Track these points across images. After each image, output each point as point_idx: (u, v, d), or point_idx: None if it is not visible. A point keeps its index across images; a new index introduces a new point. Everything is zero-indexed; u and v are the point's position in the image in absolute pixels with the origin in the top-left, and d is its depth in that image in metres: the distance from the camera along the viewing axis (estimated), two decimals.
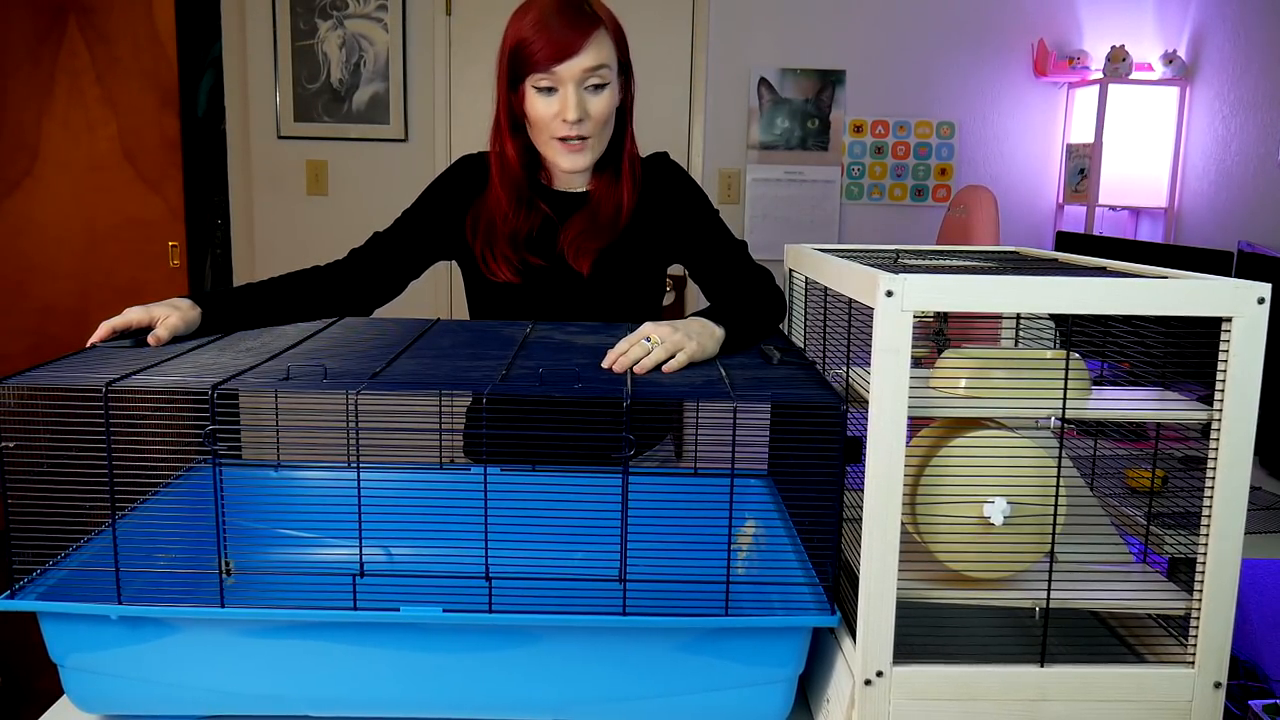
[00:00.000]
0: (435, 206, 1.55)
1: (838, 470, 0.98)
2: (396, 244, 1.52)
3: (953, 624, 1.09)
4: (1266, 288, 0.89)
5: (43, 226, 3.88)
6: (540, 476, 1.30)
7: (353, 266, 1.49)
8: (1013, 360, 1.00)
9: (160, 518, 1.17)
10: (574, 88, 1.38)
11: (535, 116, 1.42)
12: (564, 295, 1.51)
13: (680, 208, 1.54)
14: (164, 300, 1.27)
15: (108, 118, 3.85)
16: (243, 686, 0.98)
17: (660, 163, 1.57)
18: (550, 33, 1.37)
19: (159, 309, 1.24)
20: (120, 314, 1.22)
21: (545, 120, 1.41)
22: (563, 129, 1.40)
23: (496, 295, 1.53)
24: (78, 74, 3.81)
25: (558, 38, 1.36)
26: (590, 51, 1.38)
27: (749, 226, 3.77)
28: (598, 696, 0.99)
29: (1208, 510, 0.92)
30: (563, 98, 1.39)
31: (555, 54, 1.37)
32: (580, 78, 1.38)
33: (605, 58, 1.40)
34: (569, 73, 1.38)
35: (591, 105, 1.40)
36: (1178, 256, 2.58)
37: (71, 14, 3.78)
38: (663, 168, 1.56)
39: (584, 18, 1.38)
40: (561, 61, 1.37)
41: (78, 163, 3.86)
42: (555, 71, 1.38)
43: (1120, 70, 3.53)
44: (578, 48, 1.37)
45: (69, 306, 3.93)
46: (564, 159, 1.44)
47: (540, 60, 1.37)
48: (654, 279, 1.58)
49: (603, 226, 1.49)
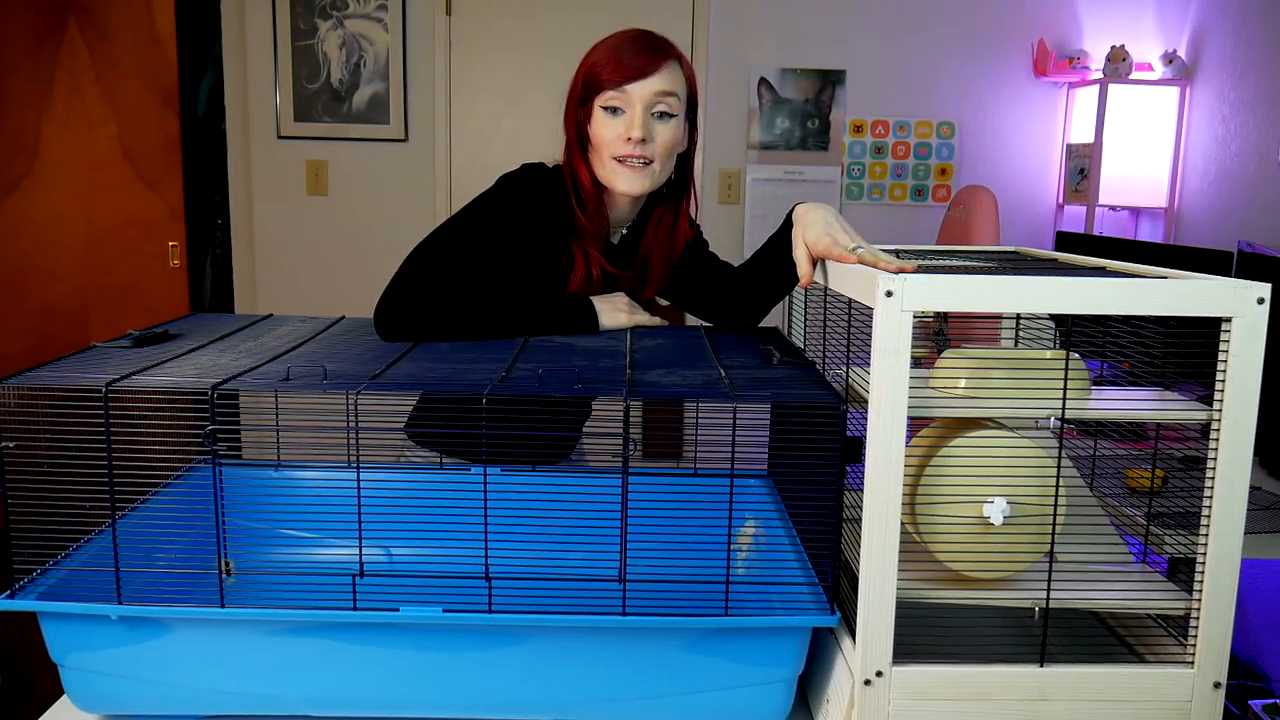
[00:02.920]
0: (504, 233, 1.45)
1: (838, 470, 0.98)
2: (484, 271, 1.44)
3: (953, 624, 1.09)
4: (1266, 288, 0.89)
5: (42, 226, 3.88)
6: (540, 476, 1.30)
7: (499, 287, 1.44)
8: (1013, 360, 1.00)
9: (160, 518, 1.17)
10: (642, 110, 1.39)
11: (598, 137, 1.41)
12: None
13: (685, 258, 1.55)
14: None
15: (108, 117, 3.85)
16: (243, 686, 0.98)
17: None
18: (624, 55, 1.39)
19: None
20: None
21: (608, 140, 1.41)
22: (625, 148, 1.40)
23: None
24: (78, 74, 3.81)
25: (631, 60, 1.39)
26: (661, 76, 1.39)
27: (749, 226, 3.77)
28: (598, 696, 0.99)
29: (1207, 510, 0.92)
30: (629, 118, 1.39)
31: (628, 74, 1.39)
32: (649, 101, 1.39)
33: (675, 87, 1.41)
34: (638, 93, 1.39)
35: (657, 131, 1.41)
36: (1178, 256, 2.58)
37: (71, 14, 3.78)
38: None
39: (659, 47, 1.41)
40: (633, 81, 1.38)
41: (78, 163, 3.86)
42: (626, 91, 1.39)
43: (1120, 70, 3.53)
44: (651, 70, 1.39)
45: (69, 306, 3.93)
46: (622, 179, 1.42)
47: (612, 79, 1.39)
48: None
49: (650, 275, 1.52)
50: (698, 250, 1.55)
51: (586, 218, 1.46)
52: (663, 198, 1.51)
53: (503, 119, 3.74)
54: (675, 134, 1.43)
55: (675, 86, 1.41)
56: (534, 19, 3.69)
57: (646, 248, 1.51)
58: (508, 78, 3.72)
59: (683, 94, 1.43)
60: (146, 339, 1.21)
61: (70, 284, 3.92)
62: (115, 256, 3.92)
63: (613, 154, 1.41)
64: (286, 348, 1.21)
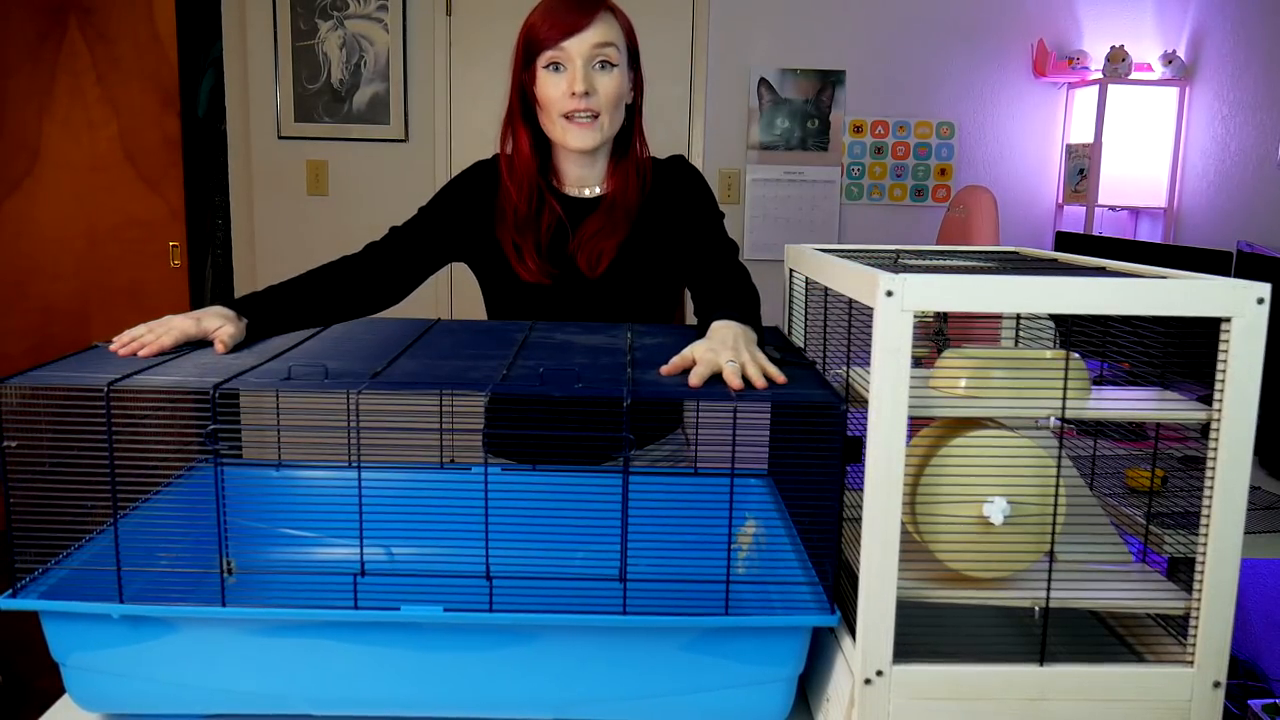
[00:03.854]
0: (449, 208, 1.57)
1: (838, 470, 0.98)
2: (411, 242, 1.54)
3: (953, 624, 1.09)
4: (1266, 288, 0.89)
5: (43, 227, 3.88)
6: (540, 476, 1.30)
7: (371, 261, 1.51)
8: (1013, 360, 1.00)
9: (162, 517, 1.17)
10: (582, 64, 1.43)
11: (545, 96, 1.46)
12: (580, 302, 1.53)
13: (687, 206, 1.55)
14: (207, 309, 1.25)
15: (108, 118, 3.85)
16: (244, 685, 0.98)
17: (677, 165, 1.60)
18: (558, 13, 1.44)
19: (210, 320, 1.21)
20: (165, 327, 1.17)
21: (554, 99, 1.45)
22: (571, 103, 1.44)
23: (516, 301, 1.54)
24: (78, 74, 3.81)
25: (564, 16, 1.43)
26: (597, 29, 1.43)
27: (749, 226, 3.77)
28: (598, 696, 0.99)
29: (1207, 510, 0.93)
30: (571, 73, 1.44)
31: (564, 30, 1.42)
32: (588, 55, 1.43)
33: (612, 38, 1.45)
34: (577, 48, 1.43)
35: (600, 82, 1.45)
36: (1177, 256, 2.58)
37: (72, 14, 3.78)
38: (679, 170, 1.59)
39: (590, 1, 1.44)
40: (569, 36, 1.42)
41: (78, 163, 3.86)
42: (564, 47, 1.43)
43: (1120, 70, 3.53)
44: (584, 24, 1.43)
45: (69, 307, 3.93)
46: (573, 136, 1.46)
47: (549, 38, 1.43)
48: (669, 282, 1.59)
49: (616, 223, 1.51)
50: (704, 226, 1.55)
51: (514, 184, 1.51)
52: (619, 149, 1.55)
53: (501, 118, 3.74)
54: (619, 83, 1.47)
55: (612, 36, 1.45)
56: None
57: (609, 196, 1.54)
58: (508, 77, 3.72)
59: (622, 44, 1.47)
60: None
61: (71, 284, 3.92)
62: (116, 256, 3.93)
63: (560, 111, 1.46)
64: (287, 346, 1.22)
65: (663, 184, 1.57)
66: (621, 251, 1.53)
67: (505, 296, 1.57)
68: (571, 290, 1.53)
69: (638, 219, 1.54)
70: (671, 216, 1.55)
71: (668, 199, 1.56)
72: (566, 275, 1.52)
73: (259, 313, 1.31)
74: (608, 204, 1.53)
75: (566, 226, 1.53)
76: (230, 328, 1.21)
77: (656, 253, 1.55)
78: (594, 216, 1.53)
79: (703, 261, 1.52)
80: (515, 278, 1.53)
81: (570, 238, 1.52)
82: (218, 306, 1.26)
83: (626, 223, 1.53)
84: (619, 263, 1.53)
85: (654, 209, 1.55)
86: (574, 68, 1.43)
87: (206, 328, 1.21)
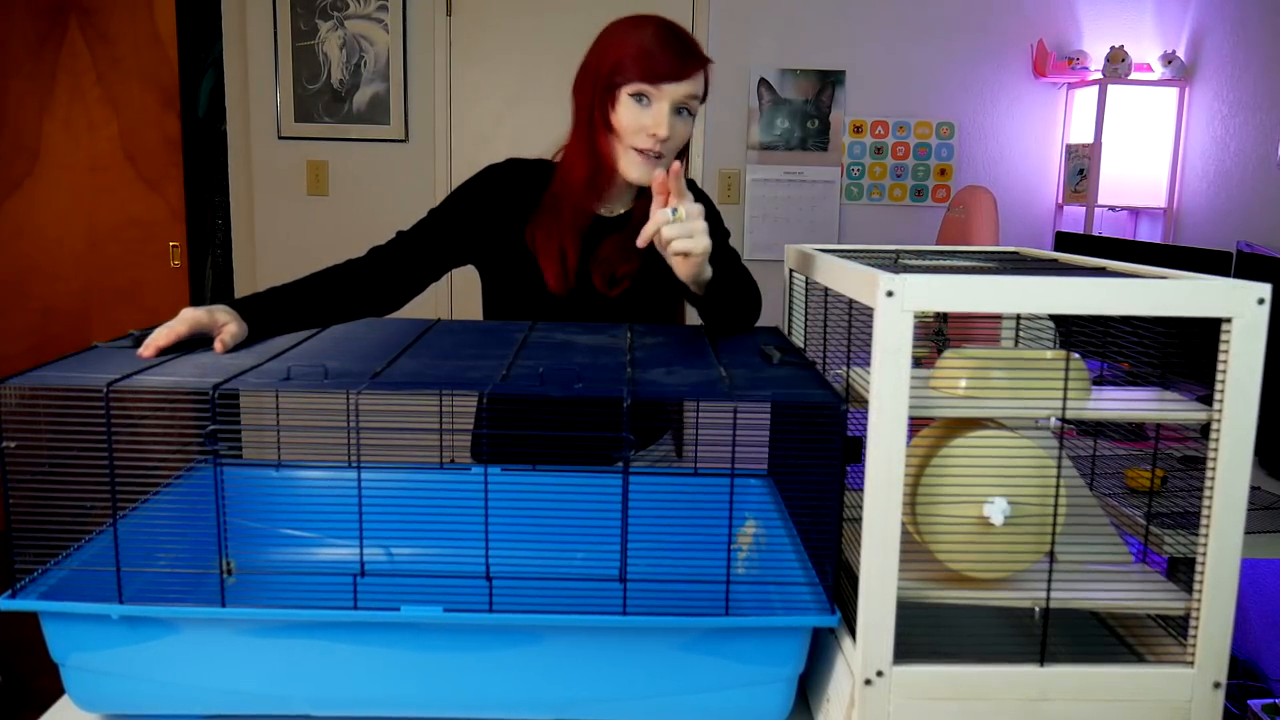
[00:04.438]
0: (466, 211, 1.56)
1: (838, 470, 0.98)
2: (421, 245, 1.53)
3: (953, 624, 1.09)
4: (1266, 288, 0.89)
5: (43, 227, 3.88)
6: (540, 476, 1.30)
7: (375, 265, 1.50)
8: (1013, 360, 1.00)
9: (161, 518, 1.17)
10: (669, 107, 1.43)
11: (623, 124, 1.45)
12: (591, 316, 1.55)
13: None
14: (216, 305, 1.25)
15: (108, 118, 3.85)
16: (243, 686, 0.98)
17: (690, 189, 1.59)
18: (666, 54, 1.42)
19: (220, 313, 1.22)
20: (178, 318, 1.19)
21: (632, 130, 1.45)
22: (647, 142, 1.44)
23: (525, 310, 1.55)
24: (78, 74, 3.82)
25: (672, 60, 1.42)
26: (694, 81, 1.44)
27: (749, 227, 3.77)
28: (598, 696, 0.99)
29: (1207, 510, 0.93)
30: (657, 113, 1.43)
31: (666, 74, 1.42)
32: (677, 101, 1.44)
33: (699, 91, 1.46)
34: (670, 93, 1.43)
35: (676, 128, 1.45)
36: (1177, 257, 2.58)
37: (72, 14, 3.78)
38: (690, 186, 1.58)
39: (695, 52, 1.45)
40: (669, 82, 1.42)
41: (78, 163, 3.86)
42: (662, 88, 1.42)
43: (1119, 71, 3.53)
44: (686, 75, 1.43)
45: (69, 307, 3.93)
46: (636, 169, 1.47)
47: (650, 75, 1.42)
48: (672, 296, 1.60)
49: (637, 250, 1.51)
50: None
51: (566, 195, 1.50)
52: None
53: (503, 119, 3.74)
54: (689, 131, 1.49)
55: (699, 91, 1.47)
56: (534, 19, 3.69)
57: (634, 225, 1.53)
58: (508, 78, 3.73)
59: (701, 94, 1.48)
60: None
61: (71, 284, 3.92)
62: (116, 256, 3.93)
63: (632, 144, 1.45)
64: (287, 347, 1.22)
65: None
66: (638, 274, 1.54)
67: (516, 303, 1.56)
68: (584, 304, 1.54)
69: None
70: None
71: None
72: (582, 289, 1.53)
73: (263, 314, 1.30)
74: (630, 229, 1.52)
75: (590, 243, 1.53)
76: (234, 326, 1.22)
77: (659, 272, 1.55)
78: (615, 237, 1.53)
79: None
80: (537, 285, 1.53)
81: (590, 254, 1.53)
82: (224, 305, 1.27)
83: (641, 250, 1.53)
84: (633, 283, 1.55)
85: None
86: (660, 109, 1.43)
87: (217, 319, 1.21)
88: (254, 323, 1.28)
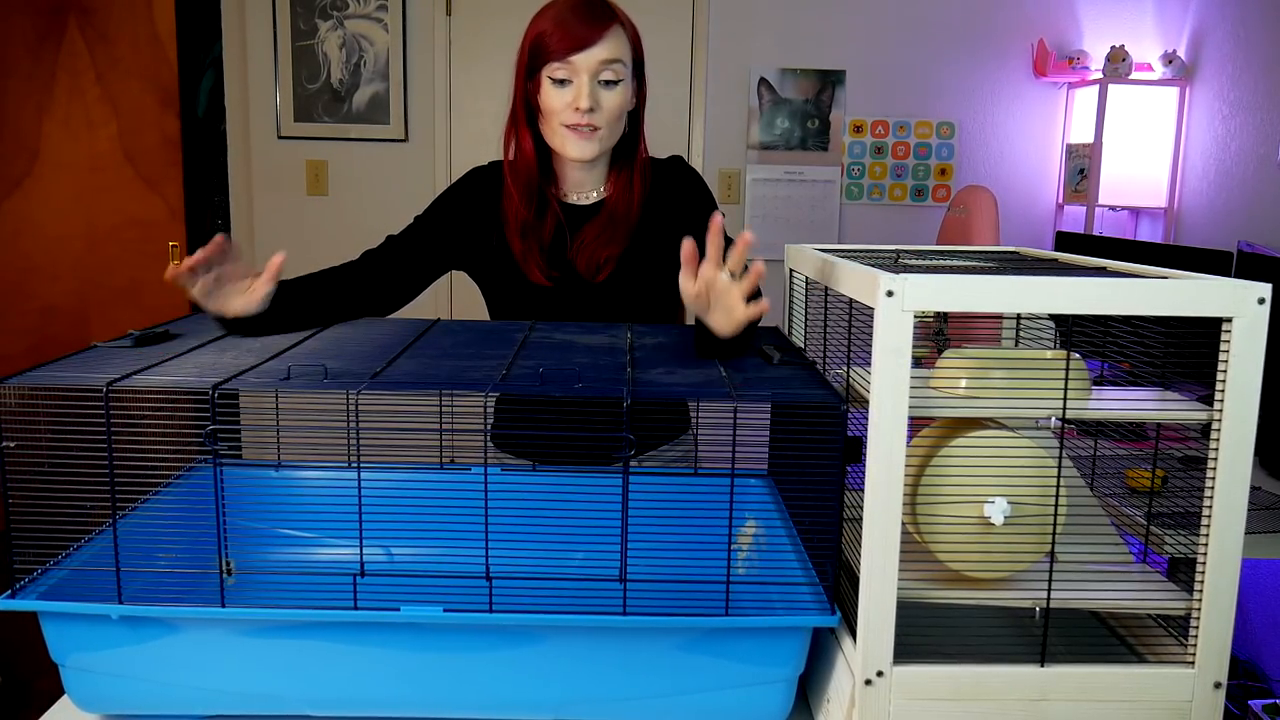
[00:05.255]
0: (447, 217, 1.57)
1: (838, 470, 0.98)
2: (408, 251, 1.54)
3: (953, 624, 1.09)
4: (1266, 288, 0.89)
5: (43, 226, 3.88)
6: (540, 476, 1.30)
7: (368, 269, 1.50)
8: (1013, 360, 1.00)
9: (161, 518, 1.17)
10: (588, 79, 1.43)
11: (549, 106, 1.46)
12: (583, 304, 1.53)
13: (687, 207, 1.55)
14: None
15: (108, 118, 3.85)
16: (243, 686, 0.98)
17: (675, 166, 1.60)
18: (568, 26, 1.42)
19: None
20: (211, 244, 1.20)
21: (558, 109, 1.45)
22: (574, 117, 1.44)
23: (520, 304, 1.54)
24: (78, 74, 3.81)
25: (575, 30, 1.42)
26: (606, 45, 1.43)
27: (749, 226, 3.77)
28: (598, 696, 0.99)
29: (1208, 510, 0.92)
30: (576, 87, 1.43)
31: (572, 45, 1.42)
32: (595, 70, 1.43)
33: (620, 53, 1.44)
34: (584, 63, 1.42)
35: (604, 98, 1.45)
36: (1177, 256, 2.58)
37: (71, 14, 3.78)
38: (677, 171, 1.59)
39: (602, 13, 1.44)
40: (578, 52, 1.42)
41: (78, 163, 3.86)
42: (571, 61, 1.42)
43: (1120, 70, 3.53)
44: (594, 40, 1.42)
45: (69, 306, 3.93)
46: (572, 145, 1.47)
47: (558, 50, 1.42)
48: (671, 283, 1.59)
49: (617, 231, 1.51)
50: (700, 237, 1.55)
51: (516, 187, 1.51)
52: (620, 156, 1.55)
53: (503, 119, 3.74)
54: (622, 99, 1.47)
55: (620, 53, 1.45)
56: None
57: (609, 204, 1.54)
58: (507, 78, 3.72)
59: (628, 57, 1.47)
60: (147, 339, 1.21)
61: (71, 284, 3.92)
62: (115, 256, 3.92)
63: (562, 122, 1.46)
64: (286, 347, 1.21)
65: (662, 185, 1.57)
66: (623, 257, 1.53)
67: (510, 300, 1.57)
68: (574, 293, 1.54)
69: (638, 223, 1.54)
70: (671, 218, 1.55)
71: (667, 201, 1.56)
72: (567, 279, 1.53)
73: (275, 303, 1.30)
74: (608, 213, 1.53)
75: (566, 231, 1.53)
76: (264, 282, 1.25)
77: (657, 255, 1.55)
78: (593, 223, 1.53)
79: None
80: (522, 280, 1.53)
81: (569, 243, 1.53)
82: None
83: (626, 230, 1.53)
84: (620, 267, 1.53)
85: (653, 211, 1.55)
86: (579, 82, 1.43)
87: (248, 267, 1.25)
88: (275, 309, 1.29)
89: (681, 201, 1.56)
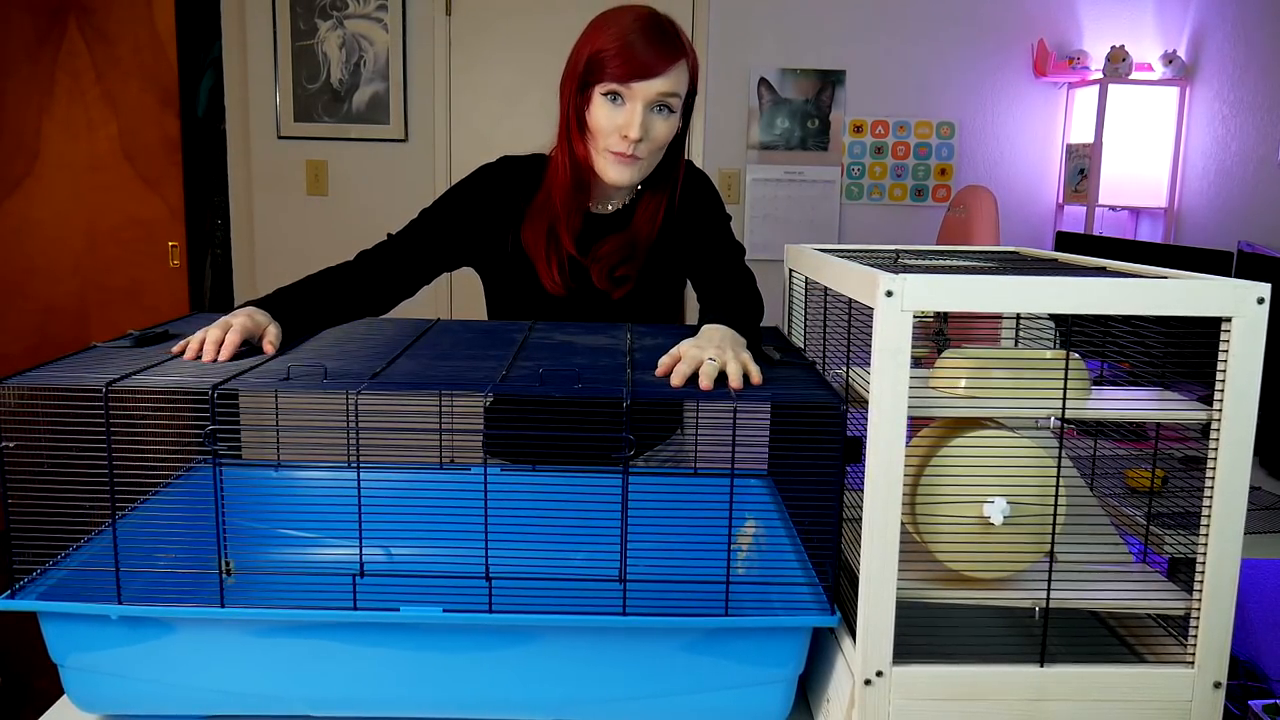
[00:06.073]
0: (458, 212, 1.53)
1: (838, 470, 0.98)
2: (415, 245, 1.51)
3: (953, 624, 1.09)
4: (1266, 288, 0.89)
5: (43, 226, 3.88)
6: (540, 476, 1.30)
7: (368, 268, 1.47)
8: (1013, 360, 1.00)
9: (160, 518, 1.17)
10: (642, 106, 1.37)
11: (597, 125, 1.40)
12: (592, 315, 1.53)
13: (696, 213, 1.54)
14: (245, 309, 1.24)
15: (108, 118, 3.85)
16: (243, 686, 0.98)
17: (689, 175, 1.56)
18: (635, 51, 1.36)
19: (260, 316, 1.22)
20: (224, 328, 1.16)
21: (606, 130, 1.40)
22: (621, 144, 1.39)
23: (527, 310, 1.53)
24: (78, 74, 3.81)
25: (642, 57, 1.36)
26: (668, 78, 1.37)
27: (749, 226, 3.77)
28: (598, 696, 0.99)
29: (1207, 510, 0.92)
30: (629, 113, 1.38)
31: (634, 72, 1.36)
32: (651, 100, 1.38)
33: (678, 87, 1.39)
34: (642, 92, 1.37)
35: (654, 127, 1.39)
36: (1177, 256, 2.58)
37: (71, 14, 3.78)
38: (690, 180, 1.56)
39: (670, 44, 1.38)
40: (638, 80, 1.36)
41: (78, 163, 3.86)
42: (631, 87, 1.36)
43: (1120, 70, 3.53)
44: (658, 71, 1.36)
45: (69, 306, 3.93)
46: (612, 170, 1.42)
47: (617, 74, 1.36)
48: (675, 290, 1.59)
49: (637, 250, 1.50)
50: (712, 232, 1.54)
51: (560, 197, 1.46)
52: (655, 182, 1.51)
53: (503, 119, 3.74)
54: (670, 129, 1.42)
55: (679, 87, 1.40)
56: (534, 19, 3.69)
57: (635, 226, 1.51)
58: (508, 78, 3.72)
59: (684, 91, 1.42)
60: (147, 339, 1.21)
61: (70, 284, 3.92)
62: (115, 256, 3.92)
63: (606, 145, 1.41)
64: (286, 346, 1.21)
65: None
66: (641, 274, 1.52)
67: (517, 304, 1.54)
68: (586, 304, 1.52)
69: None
70: (682, 226, 1.54)
71: (681, 211, 1.54)
72: (583, 289, 1.51)
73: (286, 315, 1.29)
74: (630, 233, 1.50)
75: (586, 241, 1.51)
76: (274, 329, 1.22)
77: (669, 265, 1.54)
78: (612, 238, 1.50)
79: (708, 267, 1.51)
80: (535, 285, 1.51)
81: (586, 252, 1.51)
82: (249, 307, 1.25)
83: (645, 250, 1.51)
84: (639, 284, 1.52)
85: (667, 222, 1.54)
86: (633, 108, 1.37)
87: (260, 322, 1.21)
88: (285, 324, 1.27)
89: (692, 208, 1.54)
